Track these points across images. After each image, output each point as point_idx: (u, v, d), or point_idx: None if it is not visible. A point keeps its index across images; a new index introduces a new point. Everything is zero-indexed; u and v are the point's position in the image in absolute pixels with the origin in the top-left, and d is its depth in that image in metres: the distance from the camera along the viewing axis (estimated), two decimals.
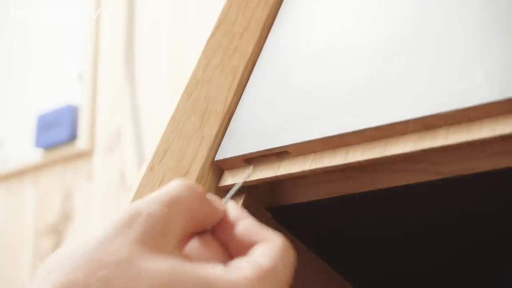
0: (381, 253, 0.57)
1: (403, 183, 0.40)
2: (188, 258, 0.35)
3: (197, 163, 0.46)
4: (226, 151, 0.45)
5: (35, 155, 1.41)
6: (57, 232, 1.34)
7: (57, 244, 1.33)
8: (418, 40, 0.41)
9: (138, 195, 0.45)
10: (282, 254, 0.35)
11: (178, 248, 0.35)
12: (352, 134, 0.39)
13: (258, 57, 0.51)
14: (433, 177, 0.39)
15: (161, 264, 0.32)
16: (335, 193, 0.43)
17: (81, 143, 1.32)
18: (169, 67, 1.22)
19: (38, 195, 1.40)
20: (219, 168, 0.46)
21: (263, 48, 0.51)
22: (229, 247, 0.38)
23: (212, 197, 0.38)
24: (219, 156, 0.46)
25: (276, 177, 0.43)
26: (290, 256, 0.36)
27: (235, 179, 0.44)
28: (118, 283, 0.31)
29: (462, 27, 0.39)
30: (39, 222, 1.38)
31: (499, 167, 0.36)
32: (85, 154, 1.32)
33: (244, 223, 0.38)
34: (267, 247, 0.36)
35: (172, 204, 0.35)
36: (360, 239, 0.55)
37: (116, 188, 1.24)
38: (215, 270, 0.33)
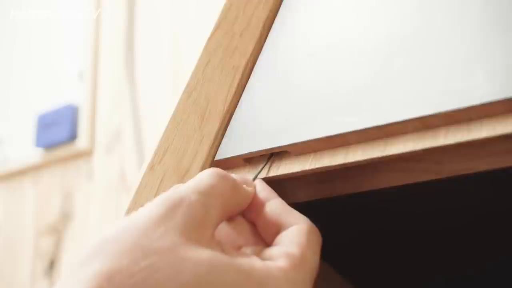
0: (382, 253, 0.57)
1: (403, 182, 0.40)
2: (223, 245, 0.36)
3: (197, 163, 0.46)
4: (226, 151, 0.45)
5: (35, 154, 1.41)
6: (57, 232, 1.34)
7: (57, 244, 1.33)
8: (418, 39, 0.41)
9: (138, 195, 0.45)
10: (310, 240, 0.37)
11: (214, 237, 0.35)
12: (352, 133, 0.39)
13: (258, 56, 0.51)
14: (433, 177, 0.39)
15: (202, 255, 0.33)
16: (335, 192, 0.43)
17: (81, 143, 1.32)
18: (169, 67, 1.22)
19: (38, 195, 1.40)
20: (219, 167, 0.46)
21: (263, 48, 0.51)
22: (258, 227, 0.39)
23: (242, 178, 0.40)
24: (219, 156, 0.46)
25: (276, 176, 0.43)
26: (317, 240, 0.37)
27: None
28: (161, 272, 0.31)
29: (462, 26, 0.39)
30: (39, 222, 1.38)
31: (499, 166, 0.36)
32: (85, 154, 1.32)
33: (273, 203, 0.39)
34: (296, 234, 0.37)
35: (210, 193, 0.36)
36: (360, 239, 0.55)
37: (116, 188, 1.24)
38: (251, 262, 0.34)
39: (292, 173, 0.42)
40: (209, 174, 0.37)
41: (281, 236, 0.37)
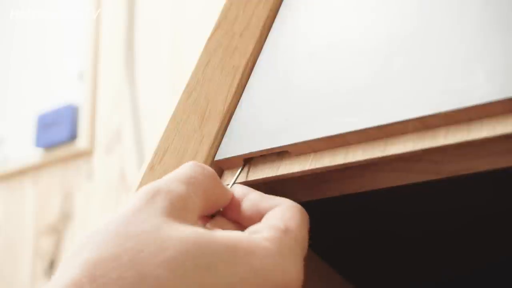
0: (382, 253, 0.57)
1: (403, 183, 0.40)
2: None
3: None
4: (226, 151, 0.45)
5: (35, 155, 1.41)
6: (57, 232, 1.34)
7: (57, 244, 1.33)
8: (418, 39, 0.41)
9: None
10: (294, 214, 0.37)
11: (198, 222, 0.36)
12: (352, 133, 0.39)
13: (258, 56, 0.51)
14: (433, 177, 0.39)
15: (186, 231, 0.33)
16: (335, 193, 0.43)
17: (81, 143, 1.32)
18: (169, 67, 1.22)
19: (38, 195, 1.40)
20: (219, 167, 0.46)
21: (263, 47, 0.51)
22: (242, 224, 0.39)
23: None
24: (219, 156, 0.46)
25: (276, 177, 0.43)
26: (302, 215, 0.37)
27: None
28: (146, 251, 0.32)
29: (462, 26, 0.39)
30: (39, 222, 1.38)
31: (499, 166, 0.36)
32: (85, 154, 1.32)
33: (250, 196, 0.40)
34: (278, 211, 0.37)
35: (189, 183, 0.36)
36: (360, 239, 0.55)
37: (116, 188, 1.24)
38: (236, 234, 0.34)
39: (292, 173, 0.42)
40: (189, 166, 0.38)
41: (264, 218, 0.38)
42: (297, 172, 0.42)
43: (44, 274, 1.33)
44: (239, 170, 0.44)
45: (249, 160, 0.44)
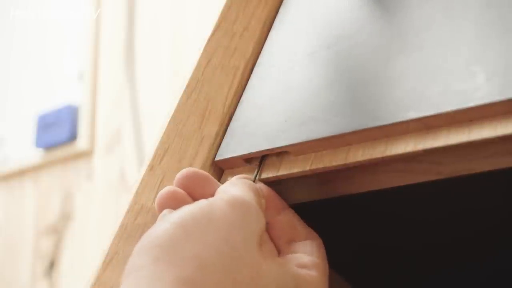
0: (381, 253, 0.57)
1: (404, 183, 0.40)
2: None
3: (197, 163, 0.46)
4: (226, 151, 0.45)
5: (35, 155, 1.41)
6: (57, 232, 1.34)
7: (57, 244, 1.33)
8: (418, 40, 0.41)
9: (138, 195, 0.45)
10: (324, 253, 0.42)
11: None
12: (352, 134, 0.39)
13: (258, 56, 0.50)
14: (433, 177, 0.39)
15: (271, 267, 0.37)
16: (335, 193, 0.43)
17: (81, 143, 1.32)
18: (169, 67, 1.22)
19: (38, 195, 1.40)
20: (219, 168, 0.46)
21: (263, 48, 0.51)
22: (270, 230, 0.42)
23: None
24: (219, 156, 0.46)
25: (276, 177, 0.43)
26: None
27: None
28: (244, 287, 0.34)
29: (463, 27, 0.39)
30: (39, 222, 1.38)
31: (499, 167, 0.36)
32: (85, 154, 1.32)
33: (287, 213, 0.43)
34: (316, 247, 0.41)
35: (260, 205, 0.40)
36: (360, 239, 0.55)
37: (116, 188, 1.24)
38: (300, 270, 0.39)
39: (292, 174, 0.42)
40: (250, 184, 0.41)
41: (298, 245, 0.41)
42: (297, 173, 0.42)
43: (44, 274, 1.33)
44: (257, 169, 0.44)
45: (265, 157, 0.44)
